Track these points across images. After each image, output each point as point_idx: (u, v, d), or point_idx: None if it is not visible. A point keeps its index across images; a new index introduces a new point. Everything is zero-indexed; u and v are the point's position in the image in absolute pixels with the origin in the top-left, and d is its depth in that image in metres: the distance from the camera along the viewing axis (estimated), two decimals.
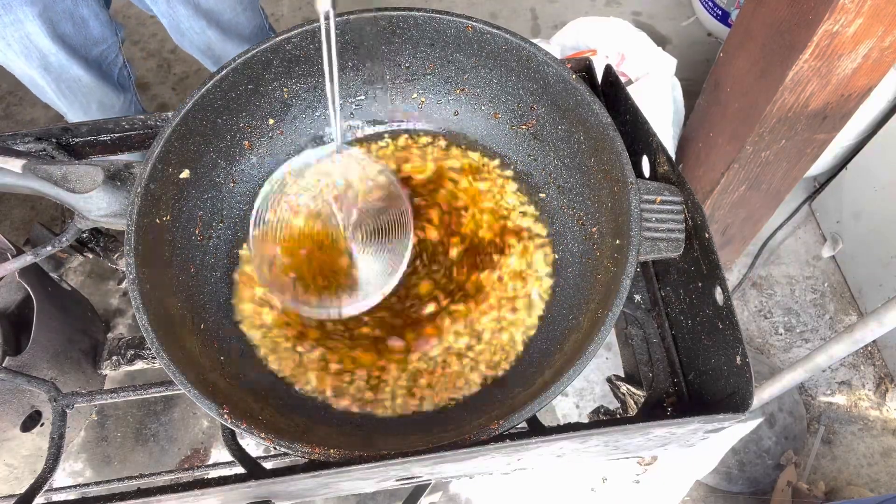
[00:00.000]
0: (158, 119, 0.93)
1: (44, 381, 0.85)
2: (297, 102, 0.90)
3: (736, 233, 1.65)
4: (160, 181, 0.77)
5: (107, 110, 1.61)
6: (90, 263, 1.99)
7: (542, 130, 0.88)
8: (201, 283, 0.82)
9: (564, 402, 1.82)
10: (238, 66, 0.81)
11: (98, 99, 1.56)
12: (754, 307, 1.97)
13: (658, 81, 1.62)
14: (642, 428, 0.64)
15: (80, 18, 1.39)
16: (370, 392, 0.79)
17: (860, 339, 0.99)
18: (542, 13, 2.56)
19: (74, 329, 1.03)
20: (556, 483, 1.50)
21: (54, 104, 1.55)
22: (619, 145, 0.74)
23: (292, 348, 0.82)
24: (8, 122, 2.37)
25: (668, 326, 0.84)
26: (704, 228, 0.71)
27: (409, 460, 0.62)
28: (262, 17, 1.71)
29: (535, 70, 0.83)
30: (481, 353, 0.82)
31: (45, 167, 0.77)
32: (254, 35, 1.66)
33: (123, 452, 1.79)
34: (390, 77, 0.91)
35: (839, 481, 1.73)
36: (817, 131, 1.25)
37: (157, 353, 0.66)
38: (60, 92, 1.48)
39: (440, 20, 0.83)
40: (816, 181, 2.10)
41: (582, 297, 0.80)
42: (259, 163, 0.90)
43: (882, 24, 0.98)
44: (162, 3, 1.47)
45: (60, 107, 1.56)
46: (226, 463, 1.05)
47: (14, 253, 0.90)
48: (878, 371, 1.87)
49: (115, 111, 1.63)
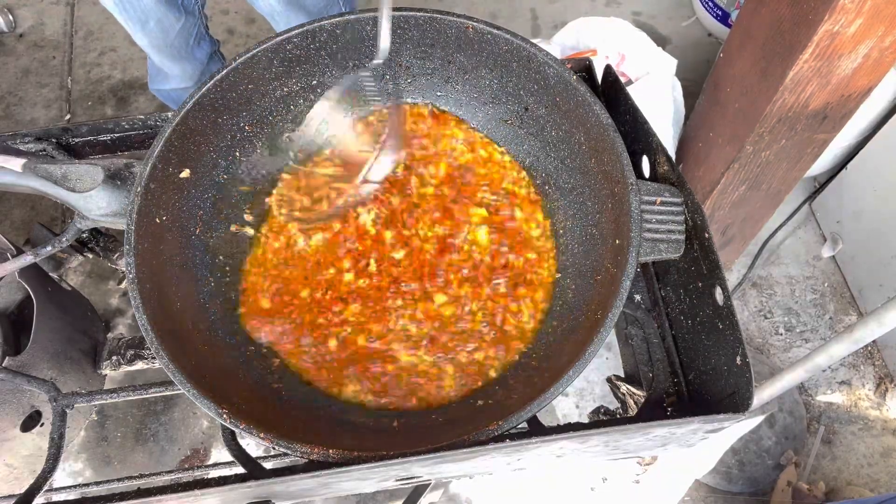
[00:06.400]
0: (158, 119, 0.93)
1: (44, 381, 0.85)
2: (298, 102, 0.90)
3: (736, 233, 1.65)
4: (160, 181, 0.77)
5: (166, 30, 1.63)
6: (90, 263, 1.99)
7: (543, 131, 0.88)
8: (201, 282, 0.82)
9: (564, 402, 1.82)
10: (238, 65, 0.81)
11: (157, 17, 1.58)
12: (754, 307, 1.97)
13: (658, 82, 1.61)
14: (642, 428, 0.64)
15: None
16: (372, 391, 0.79)
17: (860, 339, 0.98)
18: (542, 13, 2.56)
19: (74, 329, 1.03)
20: (556, 483, 1.50)
21: (116, 15, 1.58)
22: (619, 146, 0.74)
23: (293, 347, 0.82)
24: (8, 122, 2.37)
25: (669, 326, 0.84)
26: (704, 229, 0.71)
27: (409, 460, 0.62)
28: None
29: (536, 70, 0.83)
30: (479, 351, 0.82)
31: (45, 166, 0.77)
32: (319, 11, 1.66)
33: (123, 452, 1.79)
34: (391, 77, 0.91)
35: (839, 481, 1.73)
36: (817, 131, 1.25)
37: (157, 353, 0.66)
38: (120, 3, 1.51)
39: (441, 20, 0.83)
40: (816, 181, 2.10)
41: (582, 298, 0.80)
42: (259, 162, 0.90)
43: (882, 24, 0.98)
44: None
45: (119, 19, 1.58)
46: (226, 463, 1.04)
47: (14, 253, 0.90)
48: (878, 371, 1.87)
49: (174, 32, 1.65)
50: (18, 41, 2.55)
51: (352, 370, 0.81)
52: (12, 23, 2.56)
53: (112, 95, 2.42)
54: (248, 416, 0.66)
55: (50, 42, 2.55)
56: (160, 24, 1.61)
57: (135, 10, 1.55)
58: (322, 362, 0.82)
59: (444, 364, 0.81)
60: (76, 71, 2.48)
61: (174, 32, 1.66)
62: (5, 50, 2.53)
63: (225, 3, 2.59)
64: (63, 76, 2.47)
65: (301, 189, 0.88)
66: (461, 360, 0.81)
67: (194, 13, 1.71)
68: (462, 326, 0.83)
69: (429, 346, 0.82)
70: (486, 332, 0.83)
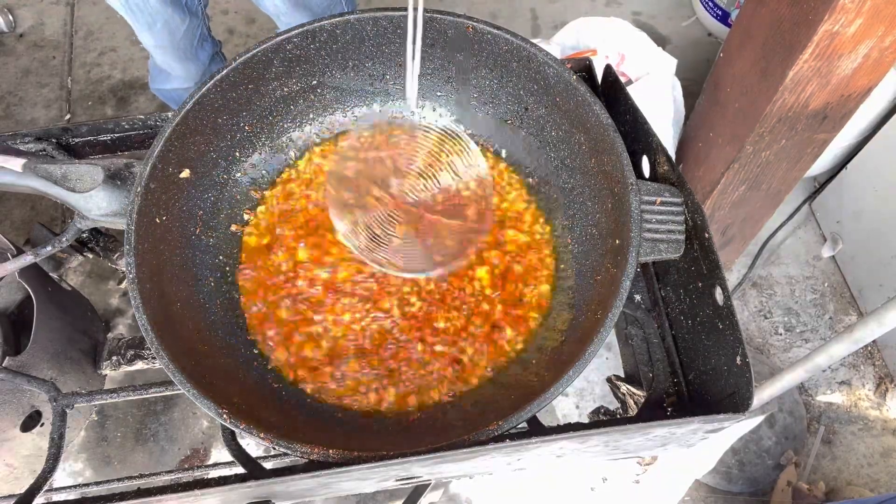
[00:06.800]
0: (158, 119, 0.93)
1: (44, 381, 0.85)
2: (298, 102, 0.90)
3: (736, 233, 1.65)
4: (160, 181, 0.77)
5: (172, 31, 1.66)
6: (90, 263, 1.99)
7: (543, 131, 0.88)
8: (201, 282, 0.82)
9: (564, 402, 1.82)
10: (238, 65, 0.81)
11: (164, 19, 1.61)
12: (754, 307, 1.97)
13: (658, 81, 1.61)
14: (642, 428, 0.64)
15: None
16: (373, 389, 0.79)
17: (860, 339, 0.99)
18: (542, 13, 2.56)
19: (74, 329, 1.03)
20: (556, 483, 1.50)
21: (124, 16, 1.60)
22: (619, 146, 0.74)
23: (294, 346, 0.82)
24: (8, 122, 2.37)
25: (669, 326, 0.84)
26: (704, 229, 0.71)
27: (409, 460, 0.62)
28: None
29: (536, 70, 0.83)
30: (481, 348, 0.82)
31: (45, 166, 0.77)
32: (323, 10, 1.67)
33: (123, 452, 1.79)
34: (390, 77, 0.91)
35: (839, 481, 1.73)
36: (817, 131, 1.25)
37: (157, 353, 0.66)
38: (127, 5, 1.54)
39: (441, 20, 0.83)
40: (816, 181, 2.10)
41: (582, 298, 0.80)
42: (259, 162, 0.90)
43: (882, 24, 0.98)
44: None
45: (128, 20, 1.60)
46: (226, 463, 1.04)
47: (14, 253, 0.90)
48: (878, 371, 1.87)
49: (180, 33, 1.68)
50: (18, 41, 2.55)
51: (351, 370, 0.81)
52: (12, 23, 2.56)
53: (112, 95, 2.42)
54: (248, 416, 0.66)
55: (50, 42, 2.55)
56: (167, 25, 1.63)
57: (142, 13, 1.57)
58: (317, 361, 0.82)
59: (443, 363, 0.81)
60: (76, 71, 2.48)
61: (180, 34, 1.69)
62: (5, 50, 2.53)
63: (225, 3, 2.59)
64: (63, 76, 2.47)
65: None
66: (461, 359, 0.81)
67: (198, 14, 1.73)
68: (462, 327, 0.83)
69: (425, 348, 0.82)
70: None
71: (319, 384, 0.80)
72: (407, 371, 0.81)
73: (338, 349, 0.82)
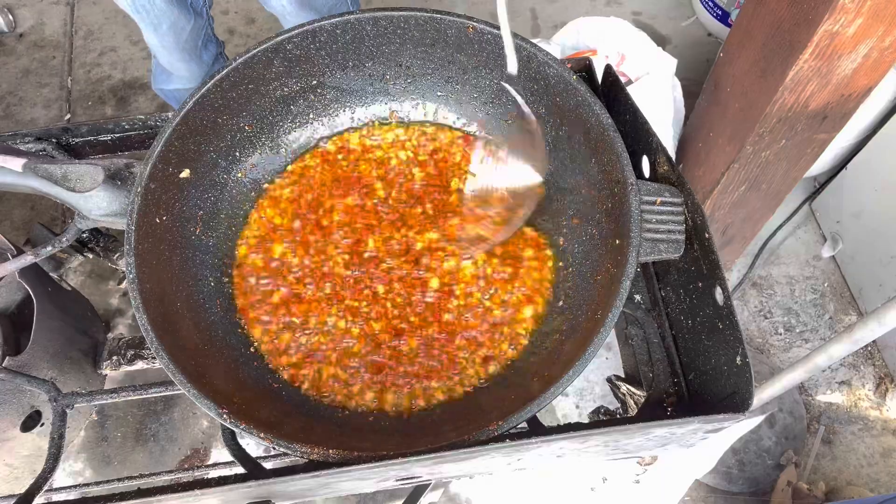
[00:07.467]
0: (158, 119, 0.93)
1: (44, 381, 0.85)
2: (298, 102, 0.90)
3: (736, 233, 1.65)
4: (160, 181, 0.77)
5: (178, 32, 1.67)
6: (90, 263, 1.99)
7: (543, 131, 0.88)
8: (201, 282, 0.82)
9: (564, 402, 1.82)
10: (238, 65, 0.81)
11: (171, 20, 1.62)
12: (754, 307, 1.97)
13: (658, 81, 1.61)
14: (642, 428, 0.64)
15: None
16: (373, 390, 0.79)
17: (860, 339, 0.99)
18: (542, 13, 2.56)
19: (74, 329, 1.03)
20: (556, 483, 1.51)
21: (132, 16, 1.60)
22: (619, 146, 0.74)
23: (294, 346, 0.82)
24: (8, 122, 2.37)
25: (669, 326, 0.84)
26: (704, 229, 0.71)
27: (409, 460, 0.62)
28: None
29: (536, 70, 0.83)
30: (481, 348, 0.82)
31: (45, 166, 0.77)
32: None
33: (123, 452, 1.79)
34: (390, 77, 0.91)
35: (839, 481, 1.73)
36: (817, 131, 1.25)
37: (157, 353, 0.66)
38: (134, 6, 1.54)
39: (441, 20, 0.83)
40: (816, 181, 2.10)
41: (582, 298, 0.80)
42: (259, 162, 0.90)
43: (882, 24, 0.98)
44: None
45: (135, 19, 1.61)
46: (226, 463, 1.04)
47: (14, 253, 0.90)
48: (878, 371, 1.87)
49: (185, 34, 1.69)
50: (18, 41, 2.55)
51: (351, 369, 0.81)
52: (12, 23, 2.56)
53: (112, 95, 2.42)
54: (248, 416, 0.66)
55: (50, 42, 2.55)
56: (174, 26, 1.64)
57: (149, 14, 1.58)
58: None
59: (443, 363, 0.81)
60: (76, 71, 2.48)
61: (185, 34, 1.69)
62: (5, 50, 2.53)
63: (225, 3, 2.59)
64: (63, 76, 2.47)
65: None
66: (461, 359, 0.81)
67: (203, 14, 1.74)
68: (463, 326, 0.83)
69: (425, 348, 0.82)
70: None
71: (319, 384, 0.80)
72: (407, 371, 0.81)
73: (338, 350, 0.82)
